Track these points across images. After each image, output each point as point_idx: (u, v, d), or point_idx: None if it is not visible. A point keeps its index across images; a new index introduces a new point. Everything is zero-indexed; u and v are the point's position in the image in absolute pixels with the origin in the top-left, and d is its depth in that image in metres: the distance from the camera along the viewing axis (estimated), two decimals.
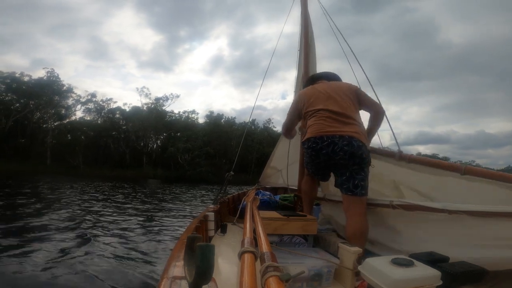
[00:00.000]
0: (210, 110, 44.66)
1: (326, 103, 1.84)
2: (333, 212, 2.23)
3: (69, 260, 3.02)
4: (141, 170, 32.46)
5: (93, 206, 7.09)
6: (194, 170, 32.29)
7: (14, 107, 30.82)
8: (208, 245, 0.46)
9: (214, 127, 38.95)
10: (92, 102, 36.93)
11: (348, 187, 1.70)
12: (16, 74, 31.48)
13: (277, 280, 0.64)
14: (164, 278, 0.79)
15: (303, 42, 3.18)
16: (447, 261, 1.11)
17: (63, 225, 4.69)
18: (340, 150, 1.69)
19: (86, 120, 36.45)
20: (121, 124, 36.67)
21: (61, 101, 33.87)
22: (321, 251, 1.47)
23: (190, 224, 1.78)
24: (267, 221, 1.53)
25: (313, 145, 1.80)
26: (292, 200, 2.78)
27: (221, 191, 2.73)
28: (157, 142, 38.84)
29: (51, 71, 33.86)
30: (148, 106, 38.53)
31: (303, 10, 3.28)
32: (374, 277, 0.92)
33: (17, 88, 30.51)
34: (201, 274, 0.45)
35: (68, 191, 10.72)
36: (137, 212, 6.69)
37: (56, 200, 7.95)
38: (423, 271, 0.91)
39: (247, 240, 0.96)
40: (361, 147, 1.68)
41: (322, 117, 1.81)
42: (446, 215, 1.33)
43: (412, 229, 1.55)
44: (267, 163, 4.11)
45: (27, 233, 3.96)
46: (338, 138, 1.70)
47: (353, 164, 1.70)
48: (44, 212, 5.80)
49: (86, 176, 24.74)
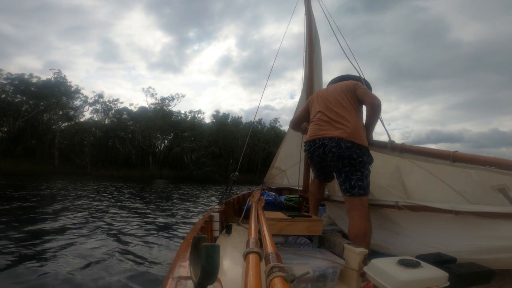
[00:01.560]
0: (216, 110, 44.78)
1: (321, 106, 1.93)
2: (338, 213, 2.22)
3: (74, 259, 3.05)
4: (147, 170, 32.69)
5: (100, 206, 7.13)
6: (199, 170, 32.30)
7: (24, 108, 31.39)
8: (213, 246, 0.46)
9: (220, 127, 38.96)
10: (99, 103, 37.47)
11: (346, 188, 1.72)
12: (25, 76, 32.11)
13: (282, 280, 0.64)
14: (169, 278, 0.79)
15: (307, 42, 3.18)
16: (455, 262, 1.10)
17: (71, 224, 4.73)
18: (329, 152, 1.75)
19: (93, 120, 36.93)
20: (128, 125, 37.03)
21: (68, 102, 34.40)
22: (326, 252, 1.46)
23: (195, 224, 1.79)
24: (272, 221, 1.53)
25: (308, 148, 1.92)
26: (297, 201, 2.77)
27: (226, 191, 2.74)
28: (164, 142, 39.10)
29: (58, 72, 34.43)
30: (154, 106, 38.85)
31: (307, 10, 3.28)
32: (380, 278, 0.92)
33: (26, 90, 31.08)
34: (206, 274, 0.46)
35: (76, 191, 10.82)
36: (143, 212, 6.73)
37: (64, 199, 8.03)
38: (430, 272, 0.90)
39: (252, 240, 0.96)
40: (350, 148, 1.69)
41: (317, 120, 1.90)
42: (453, 216, 1.32)
43: (419, 230, 1.53)
44: (271, 164, 4.11)
45: (33, 235, 4.00)
46: (328, 140, 1.77)
47: (344, 165, 1.72)
48: (52, 212, 5.86)
49: (93, 176, 25.12)
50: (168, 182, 24.26)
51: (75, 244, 3.61)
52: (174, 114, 39.26)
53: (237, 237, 1.93)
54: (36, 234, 3.98)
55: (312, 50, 3.10)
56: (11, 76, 31.06)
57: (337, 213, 2.25)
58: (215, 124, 40.47)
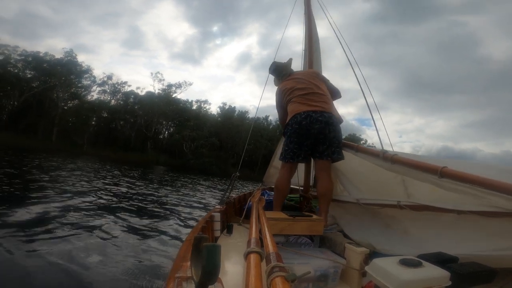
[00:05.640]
0: (223, 102, 44.58)
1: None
2: (342, 213, 2.22)
3: (69, 256, 2.89)
4: (144, 155, 32.63)
5: (94, 196, 6.68)
6: (197, 160, 31.91)
7: (34, 84, 32.02)
8: (214, 245, 0.46)
9: (225, 120, 38.79)
10: (107, 85, 37.84)
11: (328, 153, 2.08)
12: (40, 54, 32.89)
13: (283, 280, 0.64)
14: (170, 278, 0.79)
15: (307, 44, 3.18)
16: (456, 262, 1.09)
17: (61, 216, 4.39)
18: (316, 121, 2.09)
19: (97, 101, 37.09)
20: (134, 108, 37.10)
21: (76, 80, 34.86)
22: (327, 252, 1.46)
23: (196, 224, 1.79)
24: (273, 221, 1.53)
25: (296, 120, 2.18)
26: (298, 201, 2.77)
27: (227, 191, 2.74)
28: (169, 128, 39.14)
29: (69, 51, 34.92)
30: (159, 92, 38.96)
31: (307, 10, 3.29)
32: (381, 278, 0.91)
33: (37, 66, 31.81)
34: (207, 274, 0.46)
35: (67, 172, 10.45)
36: (145, 205, 6.60)
37: (52, 181, 7.60)
38: (431, 272, 0.90)
39: (253, 240, 0.96)
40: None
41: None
42: (455, 215, 1.31)
43: (420, 229, 1.53)
44: (270, 163, 4.10)
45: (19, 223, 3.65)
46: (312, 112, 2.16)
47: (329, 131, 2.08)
48: (37, 195, 5.48)
49: (88, 156, 25.04)
50: (164, 169, 23.91)
51: (65, 240, 3.35)
52: (181, 102, 39.26)
53: (238, 237, 1.93)
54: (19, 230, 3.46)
55: (312, 50, 3.10)
56: (26, 53, 31.99)
57: (341, 213, 2.24)
58: (220, 116, 40.31)
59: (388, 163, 1.65)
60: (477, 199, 1.19)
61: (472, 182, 1.16)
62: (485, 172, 1.20)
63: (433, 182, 1.36)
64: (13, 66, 31.04)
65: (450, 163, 1.34)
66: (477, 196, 1.17)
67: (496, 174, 1.16)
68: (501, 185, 1.07)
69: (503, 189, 1.06)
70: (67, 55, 34.22)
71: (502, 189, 1.06)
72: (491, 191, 1.11)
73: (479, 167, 1.38)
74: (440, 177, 1.28)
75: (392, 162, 1.62)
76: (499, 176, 1.12)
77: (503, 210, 1.13)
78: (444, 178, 1.27)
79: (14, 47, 31.52)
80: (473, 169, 1.23)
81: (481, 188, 1.15)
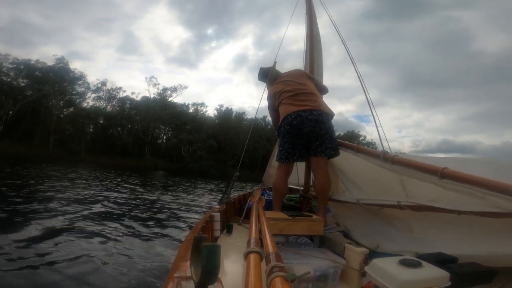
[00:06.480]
0: (220, 104, 44.57)
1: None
2: (343, 213, 2.21)
3: (70, 258, 2.94)
4: (142, 160, 32.52)
5: (94, 199, 6.82)
6: (195, 163, 31.79)
7: (28, 93, 31.93)
8: (214, 245, 0.46)
9: (223, 122, 38.65)
10: (102, 91, 37.82)
11: (321, 149, 2.12)
12: (31, 62, 32.74)
13: (283, 280, 0.64)
14: (170, 277, 0.79)
15: (308, 43, 3.17)
16: (456, 262, 1.10)
17: (62, 218, 4.52)
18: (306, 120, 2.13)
19: (92, 107, 36.99)
20: (130, 114, 37.00)
21: (69, 88, 34.76)
22: (327, 252, 1.46)
23: (196, 224, 1.79)
24: (273, 221, 1.53)
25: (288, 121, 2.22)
26: (298, 201, 2.77)
27: (226, 191, 2.74)
28: (167, 133, 39.04)
29: (61, 58, 34.89)
30: (155, 96, 38.90)
31: (308, 9, 3.28)
32: (381, 278, 0.91)
33: (29, 74, 31.72)
34: (207, 274, 0.46)
35: (66, 180, 10.49)
36: (143, 208, 6.66)
37: (51, 189, 7.70)
38: (431, 272, 0.90)
39: (253, 240, 0.96)
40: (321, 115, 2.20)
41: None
42: (455, 216, 1.31)
43: (420, 230, 1.53)
44: (268, 163, 4.10)
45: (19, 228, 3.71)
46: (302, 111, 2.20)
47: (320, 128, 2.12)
48: (38, 201, 5.60)
49: (86, 163, 25.00)
50: (163, 174, 23.92)
51: (64, 242, 3.41)
52: (178, 106, 39.16)
53: (238, 237, 1.93)
54: (18, 233, 3.54)
55: (313, 50, 3.10)
56: (17, 61, 31.98)
57: (342, 213, 2.24)
58: (217, 118, 40.20)
59: (388, 163, 1.65)
60: (477, 200, 1.19)
61: (473, 183, 1.16)
62: (485, 168, 1.20)
63: (434, 183, 1.36)
64: (6, 74, 30.90)
65: (450, 162, 1.34)
66: (478, 197, 1.17)
67: (495, 170, 1.16)
68: (501, 186, 1.07)
69: (504, 190, 1.06)
70: (58, 62, 34.23)
71: (503, 190, 1.07)
72: (492, 192, 1.11)
73: (479, 164, 1.38)
74: (440, 178, 1.29)
75: (393, 163, 1.62)
76: (498, 173, 1.12)
77: (503, 211, 1.13)
78: (444, 179, 1.27)
79: (5, 55, 31.58)
80: (473, 166, 1.24)
81: (481, 189, 1.14)
